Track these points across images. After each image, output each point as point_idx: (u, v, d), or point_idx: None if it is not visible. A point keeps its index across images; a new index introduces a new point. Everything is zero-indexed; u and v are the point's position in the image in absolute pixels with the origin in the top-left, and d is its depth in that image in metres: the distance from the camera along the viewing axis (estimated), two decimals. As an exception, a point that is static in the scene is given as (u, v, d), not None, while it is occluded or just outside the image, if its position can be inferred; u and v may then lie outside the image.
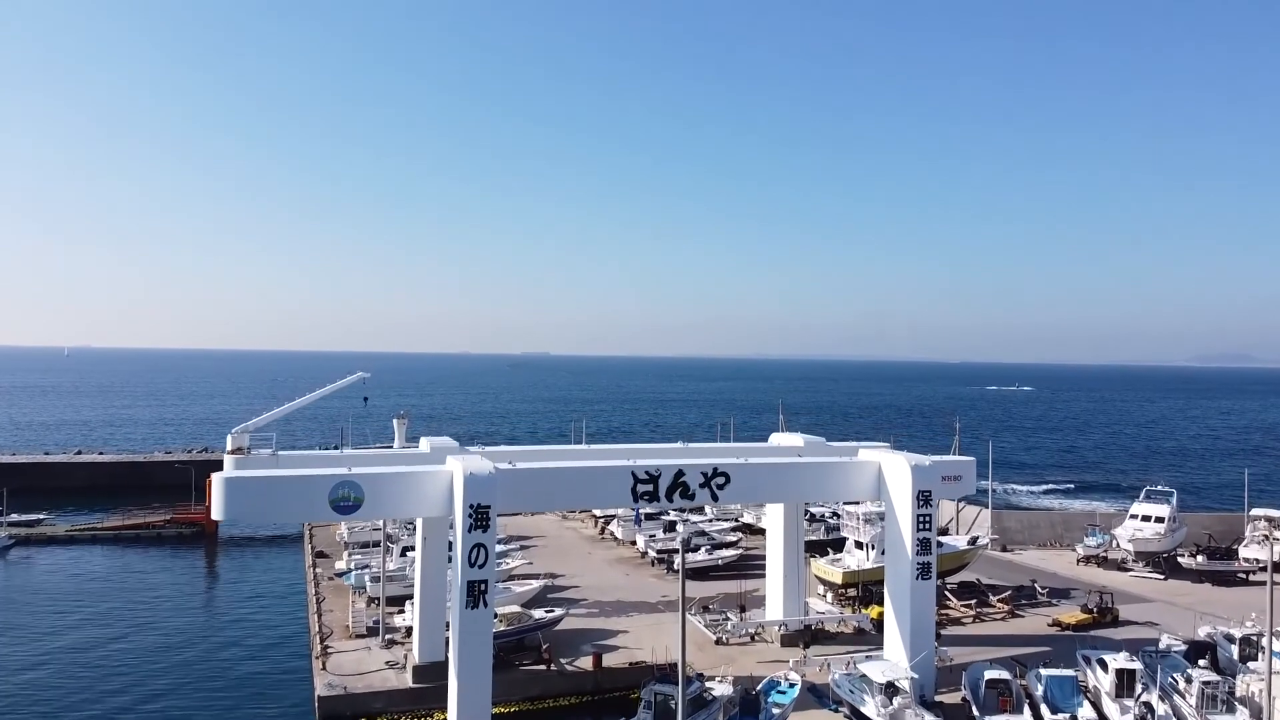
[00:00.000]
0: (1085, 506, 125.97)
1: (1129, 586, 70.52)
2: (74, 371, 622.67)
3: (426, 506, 40.37)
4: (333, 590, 66.44)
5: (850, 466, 46.96)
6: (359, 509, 39.45)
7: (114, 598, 74.24)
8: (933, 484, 45.79)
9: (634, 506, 68.62)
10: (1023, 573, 73.87)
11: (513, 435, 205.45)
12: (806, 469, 46.33)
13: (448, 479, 39.96)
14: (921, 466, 45.42)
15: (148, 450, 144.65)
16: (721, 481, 44.18)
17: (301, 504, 38.93)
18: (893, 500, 46.20)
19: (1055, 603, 65.40)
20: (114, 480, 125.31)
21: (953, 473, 48.27)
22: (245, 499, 38.50)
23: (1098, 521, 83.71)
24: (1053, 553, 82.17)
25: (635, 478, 43.00)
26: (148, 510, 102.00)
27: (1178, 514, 78.93)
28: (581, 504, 45.60)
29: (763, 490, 46.26)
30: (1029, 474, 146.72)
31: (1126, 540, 73.99)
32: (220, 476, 38.48)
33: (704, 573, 71.44)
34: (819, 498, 56.58)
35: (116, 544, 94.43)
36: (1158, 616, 62.38)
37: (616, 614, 61.39)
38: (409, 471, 40.13)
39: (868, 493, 47.49)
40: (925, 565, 45.43)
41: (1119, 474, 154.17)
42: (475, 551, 38.23)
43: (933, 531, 45.75)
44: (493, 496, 38.90)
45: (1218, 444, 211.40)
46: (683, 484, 43.74)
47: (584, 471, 42.64)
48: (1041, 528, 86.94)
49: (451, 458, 41.15)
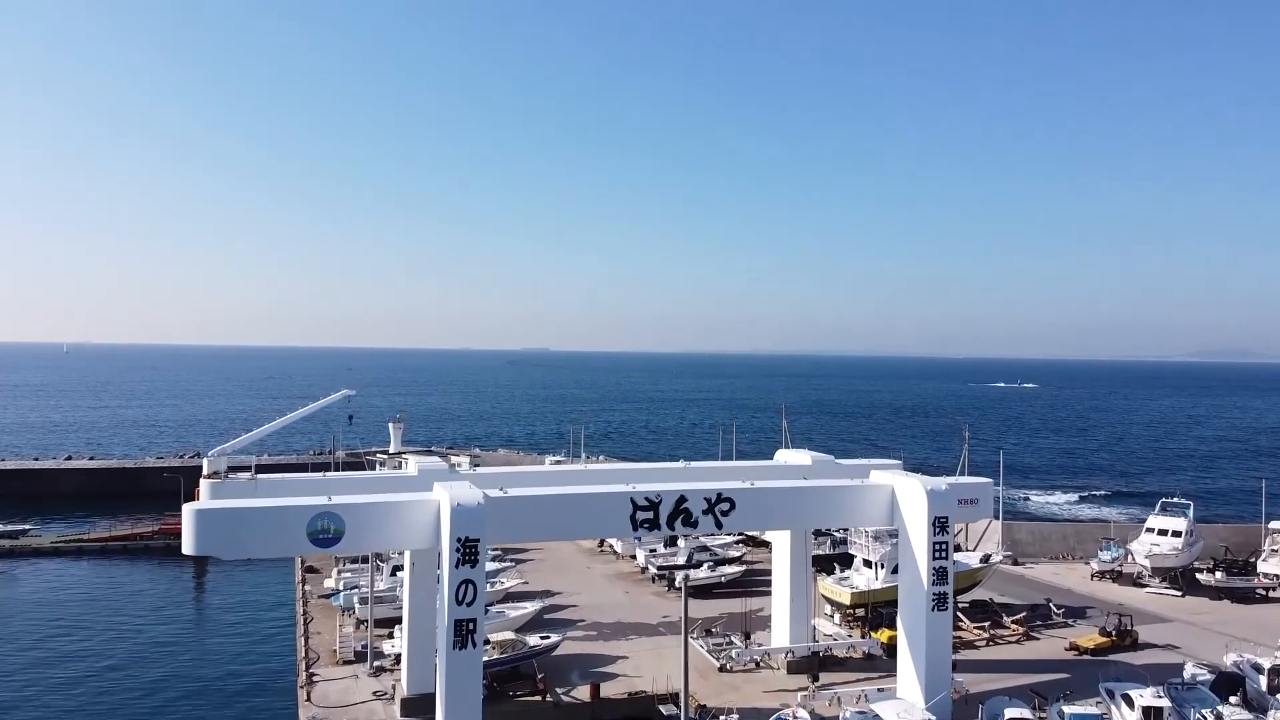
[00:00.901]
0: (1094, 511, 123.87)
1: (1146, 605, 68.11)
2: (72, 369, 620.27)
3: (411, 539, 37.95)
4: (321, 610, 63.98)
5: (862, 491, 44.47)
6: (339, 542, 37.08)
7: (96, 616, 72.00)
8: (949, 509, 43.32)
9: (634, 536, 66.17)
10: (1036, 589, 71.45)
11: (510, 437, 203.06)
12: (815, 494, 43.81)
13: (434, 510, 37.52)
14: (938, 491, 42.92)
15: (138, 456, 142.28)
16: (726, 508, 41.77)
17: (279, 537, 36.46)
18: (907, 526, 43.72)
19: (1071, 623, 62.97)
20: (104, 487, 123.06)
21: (969, 495, 45.81)
22: (218, 532, 36.07)
23: (1112, 534, 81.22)
24: (1065, 566, 79.74)
25: (634, 504, 40.60)
26: (135, 520, 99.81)
27: (1194, 526, 76.47)
28: (577, 534, 43.11)
29: (769, 516, 43.78)
30: (1036, 479, 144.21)
31: (1144, 556, 71.54)
32: (191, 509, 36.06)
33: (706, 590, 69.02)
34: (828, 524, 54.17)
35: (103, 556, 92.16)
36: (1178, 638, 60.02)
37: (616, 636, 58.97)
38: (392, 502, 37.67)
39: (880, 518, 44.98)
40: (942, 596, 42.97)
41: (1128, 479, 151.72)
42: (463, 588, 35.81)
43: (949, 560, 43.29)
44: (481, 529, 36.48)
45: (1226, 446, 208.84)
46: (685, 510, 41.33)
47: (579, 499, 40.15)
48: (1053, 540, 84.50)
49: (439, 485, 38.67)
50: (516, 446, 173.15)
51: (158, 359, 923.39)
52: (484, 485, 44.31)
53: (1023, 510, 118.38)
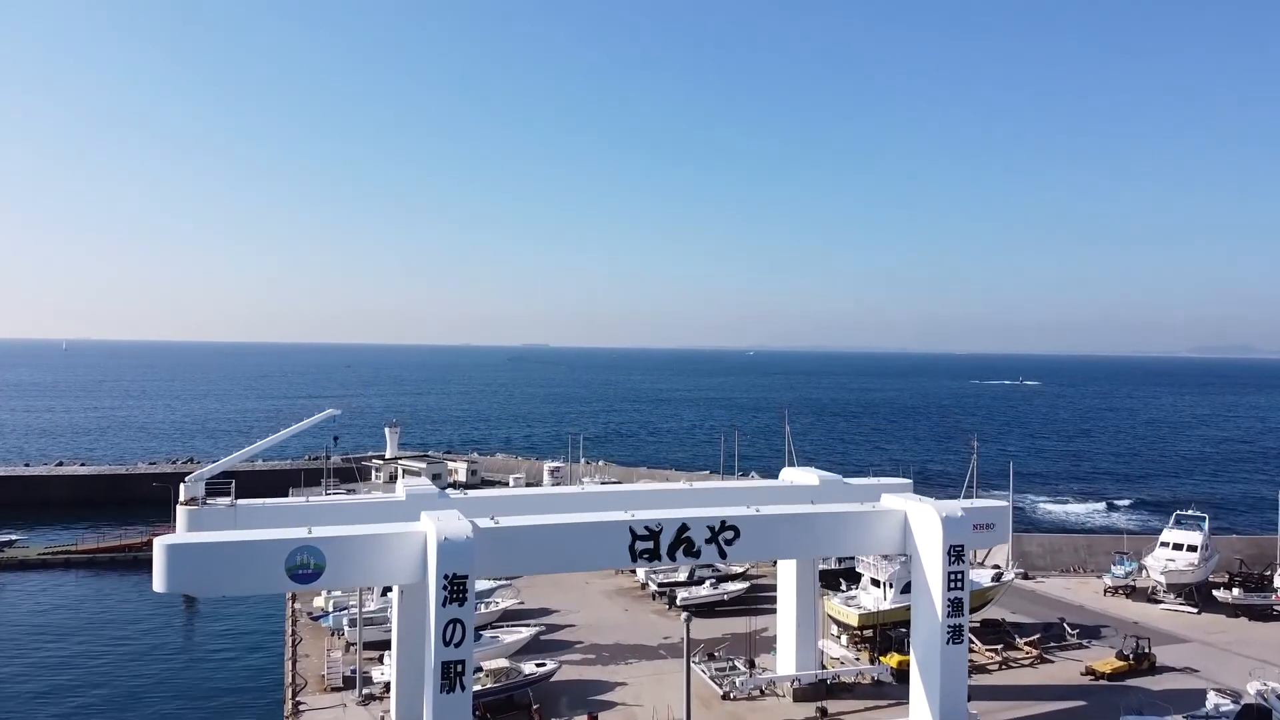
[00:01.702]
0: (1102, 516, 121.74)
1: (1162, 623, 66.01)
2: (70, 367, 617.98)
3: (396, 573, 35.79)
4: (311, 631, 61.86)
5: (872, 517, 42.29)
6: (320, 577, 34.94)
7: (80, 633, 69.99)
8: (964, 536, 41.15)
9: (632, 567, 63.95)
10: (1047, 605, 69.33)
11: (508, 439, 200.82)
12: (824, 521, 41.63)
13: (420, 542, 35.37)
14: (953, 518, 40.74)
15: (131, 461, 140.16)
16: (730, 536, 39.63)
17: (256, 573, 34.28)
18: (921, 555, 41.55)
19: (1086, 644, 60.85)
20: (95, 494, 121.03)
21: (985, 520, 43.63)
22: (191, 569, 33.90)
23: (1125, 547, 79.00)
24: (1077, 580, 77.58)
25: (634, 534, 38.43)
26: (125, 530, 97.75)
27: (1210, 540, 74.33)
28: (573, 566, 40.92)
29: (776, 545, 41.59)
30: (1042, 485, 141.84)
31: (1159, 573, 69.39)
32: (162, 543, 33.88)
33: (709, 607, 66.96)
34: (838, 553, 51.95)
35: (91, 569, 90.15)
36: (1196, 660, 57.95)
37: (614, 660, 56.86)
38: (376, 534, 35.49)
39: (892, 545, 42.83)
40: (957, 628, 40.82)
41: (1136, 485, 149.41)
42: (451, 628, 33.65)
43: (965, 590, 41.13)
44: (470, 565, 34.34)
45: (1234, 449, 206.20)
46: (687, 540, 39.18)
47: (575, 529, 37.95)
48: (1064, 552, 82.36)
49: (426, 515, 36.51)
50: (515, 450, 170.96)
51: (156, 356, 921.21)
52: (475, 511, 42.15)
53: (1031, 517, 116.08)
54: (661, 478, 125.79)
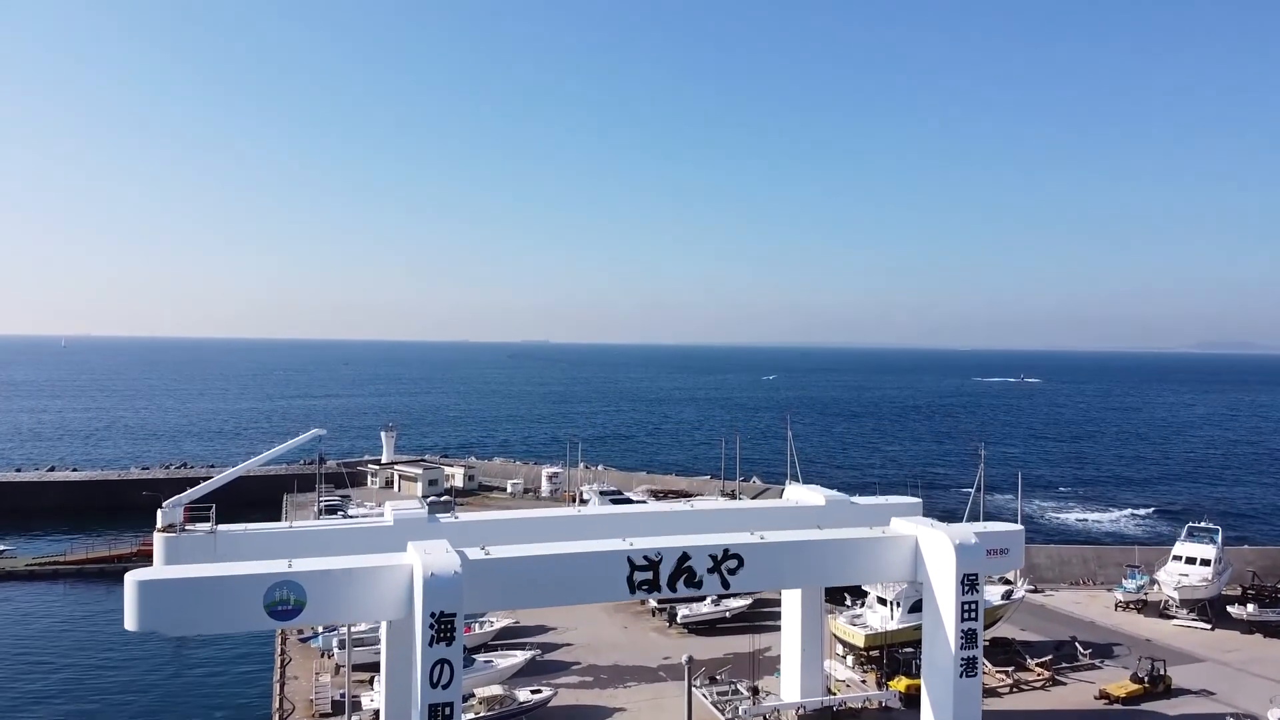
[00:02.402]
0: (1111, 521, 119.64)
1: (1175, 640, 64.25)
2: (68, 365, 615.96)
3: (381, 609, 33.99)
4: (300, 652, 60.04)
5: (882, 543, 40.47)
6: (300, 614, 33.14)
7: (62, 650, 68.24)
8: (978, 565, 39.34)
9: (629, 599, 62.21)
10: (1058, 622, 67.56)
11: (507, 441, 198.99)
12: (831, 548, 39.79)
13: (406, 577, 33.55)
14: (966, 546, 38.90)
15: (124, 466, 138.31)
16: (733, 565, 37.86)
17: (232, 611, 32.47)
18: (933, 584, 39.73)
19: (1099, 664, 59.05)
20: (87, 501, 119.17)
21: (999, 545, 41.87)
22: (163, 607, 32.12)
23: (1136, 559, 77.22)
24: (1086, 593, 75.78)
25: (632, 564, 36.65)
26: (114, 540, 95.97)
27: (1223, 554, 72.56)
28: (568, 599, 39.11)
29: (781, 574, 39.77)
30: (1046, 489, 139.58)
31: (1172, 588, 67.60)
32: (133, 579, 32.07)
33: (711, 624, 65.20)
34: (845, 581, 50.04)
35: (79, 580, 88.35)
36: (1212, 681, 56.17)
37: (613, 683, 55.05)
38: (359, 568, 33.65)
39: (903, 573, 41.02)
40: (971, 661, 39.01)
41: (1144, 490, 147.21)
42: (438, 669, 31.85)
43: (979, 620, 39.31)
44: (458, 602, 32.51)
45: (1242, 451, 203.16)
46: (688, 570, 37.40)
47: (570, 559, 36.12)
48: (1073, 564, 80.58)
49: (412, 547, 34.67)
50: (513, 453, 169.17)
51: (155, 353, 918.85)
52: (465, 538, 40.35)
53: (1036, 523, 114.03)
54: (662, 483, 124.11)
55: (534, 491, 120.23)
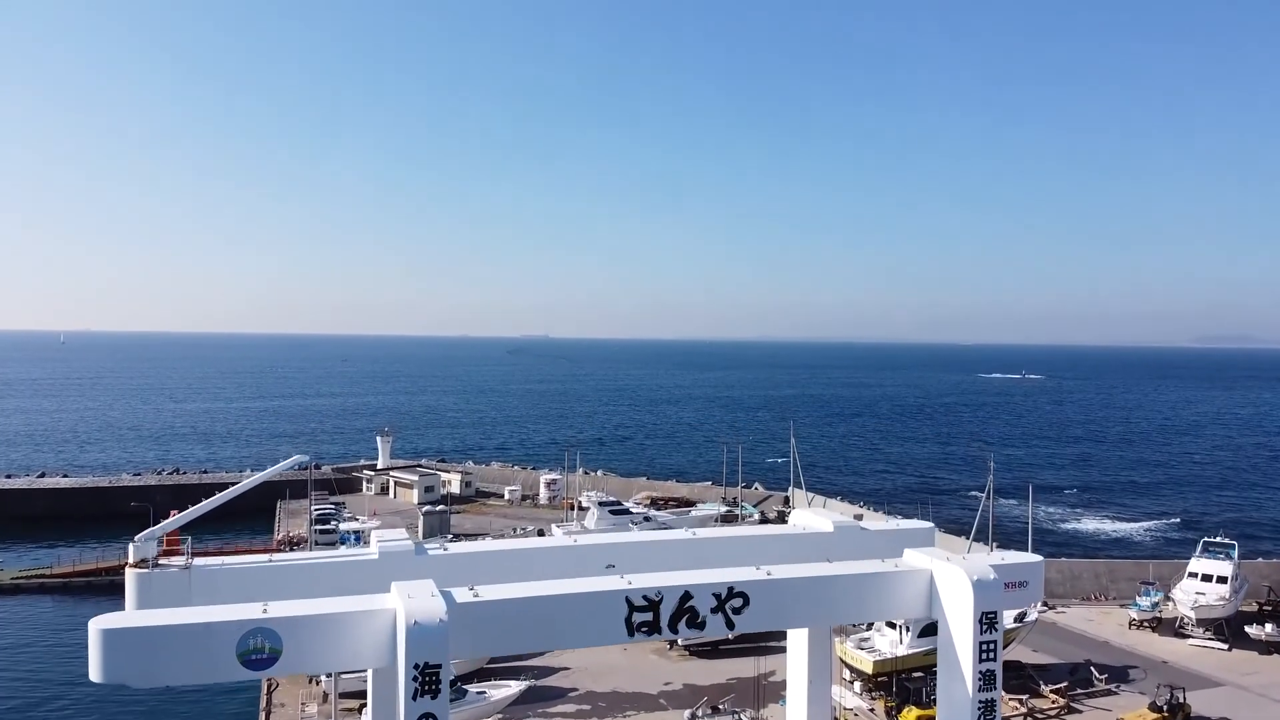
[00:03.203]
0: (1122, 532, 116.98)
1: (1191, 661, 62.27)
2: (66, 361, 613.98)
3: (362, 657, 31.75)
4: (287, 676, 58.02)
5: (894, 579, 38.23)
6: (276, 663, 30.84)
7: (43, 669, 66.32)
8: (997, 601, 37.10)
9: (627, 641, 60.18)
10: (1071, 642, 65.53)
11: (505, 444, 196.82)
12: (841, 584, 37.54)
13: (388, 623, 31.32)
14: (985, 582, 36.66)
15: (115, 472, 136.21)
16: (738, 604, 35.58)
17: (203, 661, 30.23)
18: (949, 622, 37.52)
19: (1115, 688, 57.05)
20: (77, 508, 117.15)
21: (1017, 578, 39.50)
22: (130, 657, 29.86)
23: (1149, 574, 75.16)
24: (1099, 610, 73.73)
25: (630, 604, 34.34)
26: (103, 551, 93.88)
27: (1239, 570, 70.53)
28: (562, 642, 37.01)
29: (788, 613, 37.52)
30: (1052, 495, 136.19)
31: (1189, 608, 65.59)
32: (97, 627, 29.87)
33: (713, 646, 63.17)
34: (856, 619, 47.86)
35: (66, 594, 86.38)
36: (1232, 708, 54.30)
37: (612, 711, 53.10)
38: (338, 613, 31.43)
39: (916, 609, 38.84)
40: (989, 704, 36.80)
41: (1150, 495, 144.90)
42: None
43: (998, 661, 37.12)
44: (444, 651, 30.32)
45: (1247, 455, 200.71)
46: (690, 609, 35.11)
47: (565, 601, 33.85)
48: (1084, 578, 78.54)
49: (396, 587, 32.48)
50: (512, 456, 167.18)
51: (155, 349, 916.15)
52: (454, 573, 38.11)
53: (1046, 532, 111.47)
54: (662, 489, 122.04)
55: (532, 498, 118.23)
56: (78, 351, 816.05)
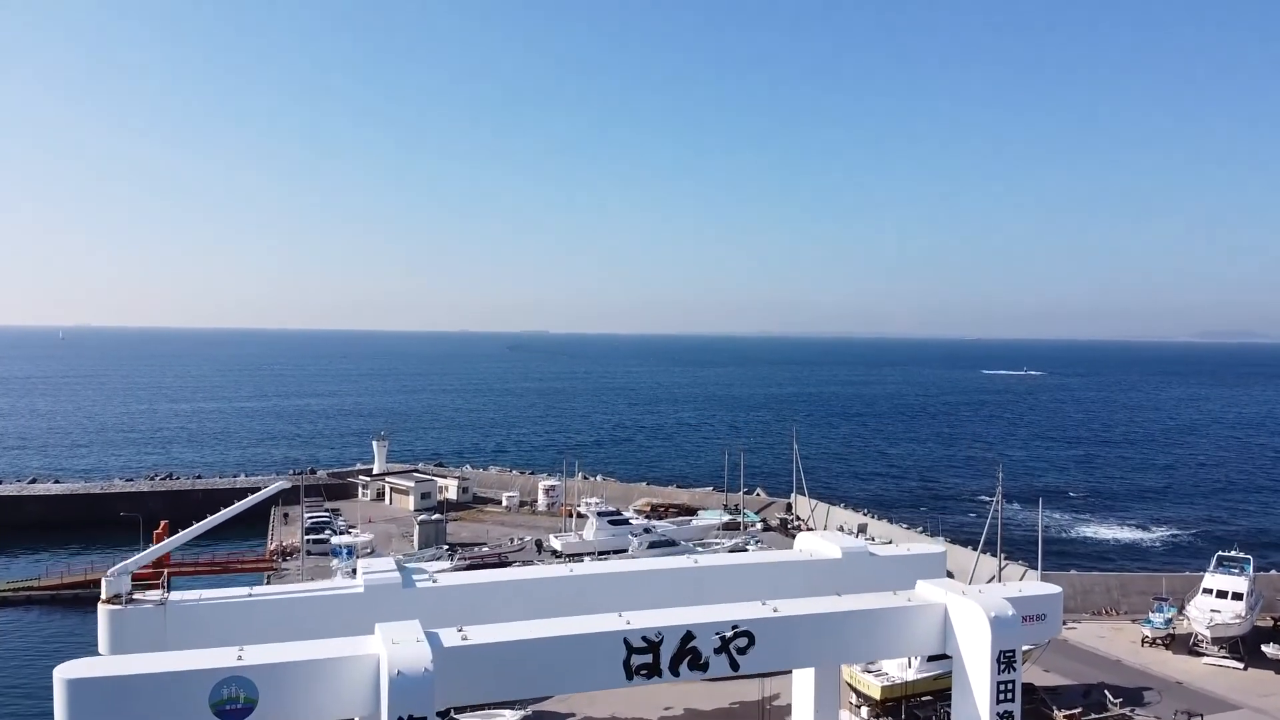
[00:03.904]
0: (1131, 539, 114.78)
1: (1206, 682, 60.40)
2: (64, 359, 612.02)
3: (343, 706, 30.03)
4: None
5: (907, 614, 36.47)
6: (251, 713, 29.13)
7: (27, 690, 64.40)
8: (1016, 639, 35.39)
9: (625, 685, 58.45)
10: (1082, 661, 63.68)
11: (503, 447, 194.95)
12: (851, 620, 35.77)
13: (370, 670, 29.59)
14: (1003, 619, 34.93)
15: (108, 476, 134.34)
16: (743, 644, 33.91)
17: (173, 711, 28.52)
18: (964, 661, 35.79)
19: (1130, 714, 55.18)
20: (68, 515, 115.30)
21: (1035, 611, 37.86)
22: (96, 708, 28.13)
23: (1161, 588, 73.31)
24: (1111, 626, 71.86)
25: (629, 646, 32.65)
26: (93, 562, 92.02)
27: (1255, 585, 68.69)
28: (557, 687, 35.29)
29: (796, 652, 35.76)
30: (1058, 501, 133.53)
31: (1204, 626, 63.71)
32: (62, 677, 28.16)
33: (713, 666, 61.19)
34: (866, 658, 46.06)
35: (54, 607, 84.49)
36: (1252, 734, 52.41)
37: (610, 739, 51.28)
38: (317, 660, 29.67)
39: (930, 645, 37.07)
40: (1007, 747, 35.05)
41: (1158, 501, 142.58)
42: (407, 783, 27.84)
43: (1016, 702, 35.36)
44: (429, 703, 28.65)
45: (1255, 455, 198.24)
46: (692, 650, 33.45)
47: (559, 644, 32.08)
48: (1095, 592, 76.67)
49: (380, 630, 30.74)
50: (509, 459, 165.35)
51: (153, 345, 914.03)
52: (444, 608, 36.48)
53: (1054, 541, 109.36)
54: (663, 495, 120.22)
55: (530, 505, 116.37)
56: (76, 348, 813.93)
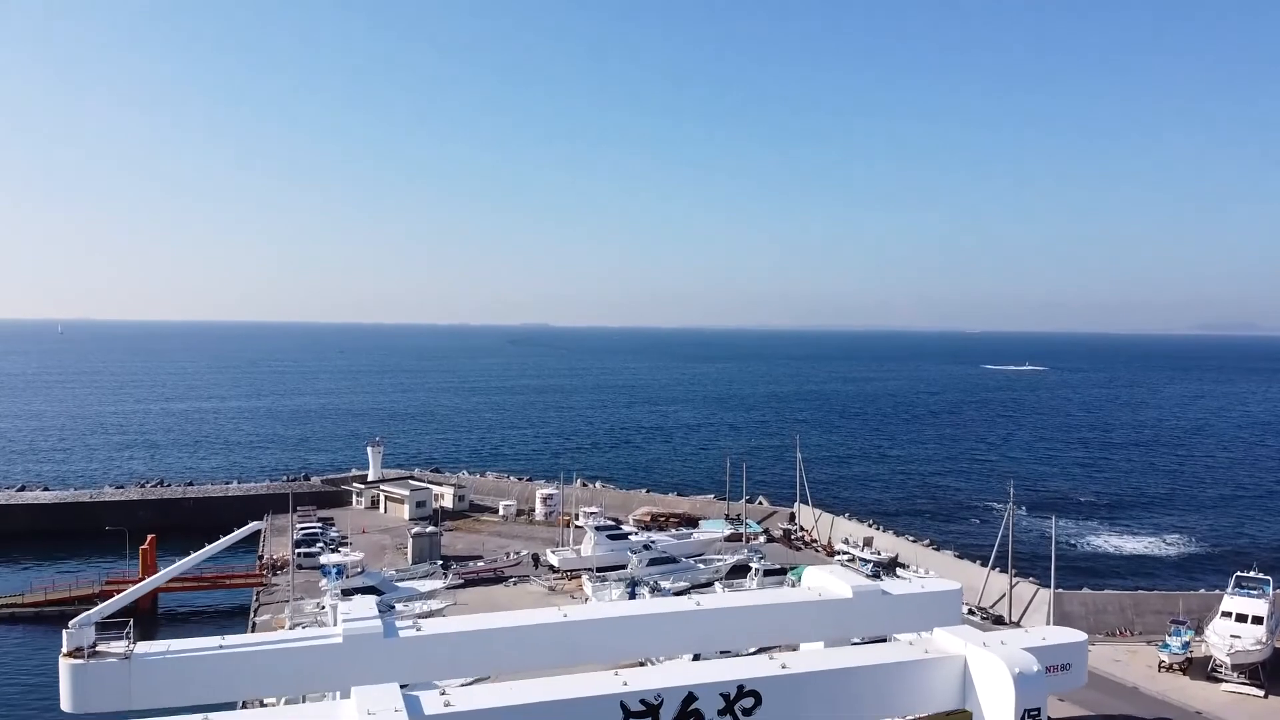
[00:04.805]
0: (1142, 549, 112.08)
1: (1227, 711, 58.19)
2: (63, 354, 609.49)
3: (317, 784, 27.59)
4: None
5: (924, 668, 34.16)
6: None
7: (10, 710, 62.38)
8: (1041, 695, 33.06)
9: None
10: (1099, 688, 61.21)
11: (498, 448, 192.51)
12: (864, 677, 33.49)
13: (348, 745, 27.16)
14: (1027, 675, 32.62)
15: (98, 484, 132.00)
16: (749, 704, 31.68)
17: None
18: (985, 716, 33.40)
19: (1151, 750, 53.00)
20: (57, 524, 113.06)
21: (1058, 661, 35.59)
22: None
23: (1179, 611, 70.98)
24: (1125, 648, 69.59)
25: (626, 710, 30.31)
26: (78, 577, 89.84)
27: (1275, 607, 66.35)
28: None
29: (805, 712, 33.34)
30: (1065, 508, 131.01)
31: (1224, 652, 61.47)
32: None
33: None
34: (881, 714, 43.72)
35: (38, 624, 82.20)
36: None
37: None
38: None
39: (948, 700, 34.76)
40: (1032, 813, 32.75)
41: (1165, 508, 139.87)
42: None
43: (1041, 763, 33.01)
44: (411, 786, 26.13)
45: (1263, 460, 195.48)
46: (694, 713, 31.13)
47: (552, 708, 29.71)
48: (1109, 612, 74.40)
49: (357, 695, 28.38)
50: (507, 463, 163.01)
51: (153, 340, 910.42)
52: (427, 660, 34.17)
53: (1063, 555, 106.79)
54: (663, 503, 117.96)
55: (528, 514, 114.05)
56: (75, 343, 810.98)
